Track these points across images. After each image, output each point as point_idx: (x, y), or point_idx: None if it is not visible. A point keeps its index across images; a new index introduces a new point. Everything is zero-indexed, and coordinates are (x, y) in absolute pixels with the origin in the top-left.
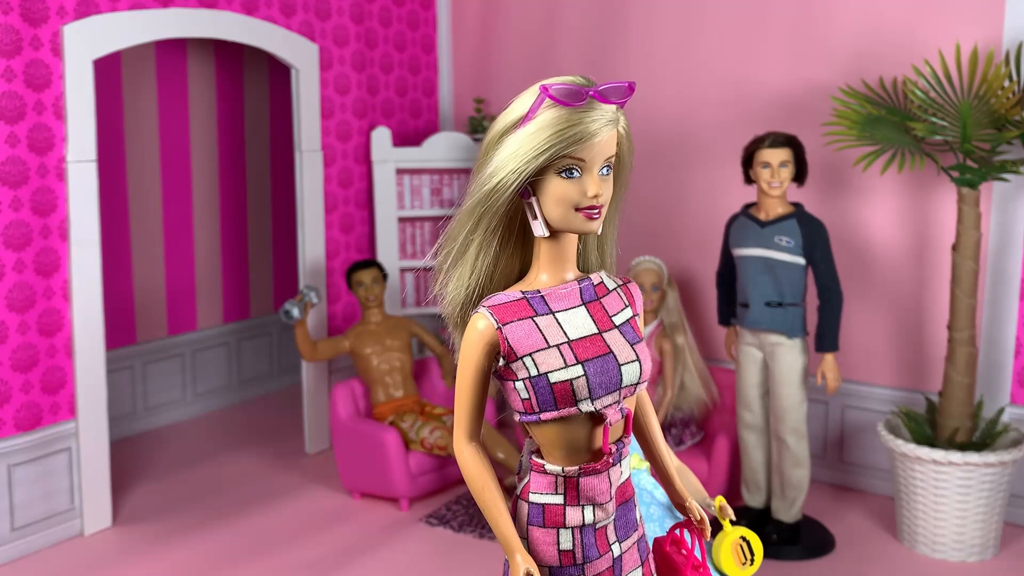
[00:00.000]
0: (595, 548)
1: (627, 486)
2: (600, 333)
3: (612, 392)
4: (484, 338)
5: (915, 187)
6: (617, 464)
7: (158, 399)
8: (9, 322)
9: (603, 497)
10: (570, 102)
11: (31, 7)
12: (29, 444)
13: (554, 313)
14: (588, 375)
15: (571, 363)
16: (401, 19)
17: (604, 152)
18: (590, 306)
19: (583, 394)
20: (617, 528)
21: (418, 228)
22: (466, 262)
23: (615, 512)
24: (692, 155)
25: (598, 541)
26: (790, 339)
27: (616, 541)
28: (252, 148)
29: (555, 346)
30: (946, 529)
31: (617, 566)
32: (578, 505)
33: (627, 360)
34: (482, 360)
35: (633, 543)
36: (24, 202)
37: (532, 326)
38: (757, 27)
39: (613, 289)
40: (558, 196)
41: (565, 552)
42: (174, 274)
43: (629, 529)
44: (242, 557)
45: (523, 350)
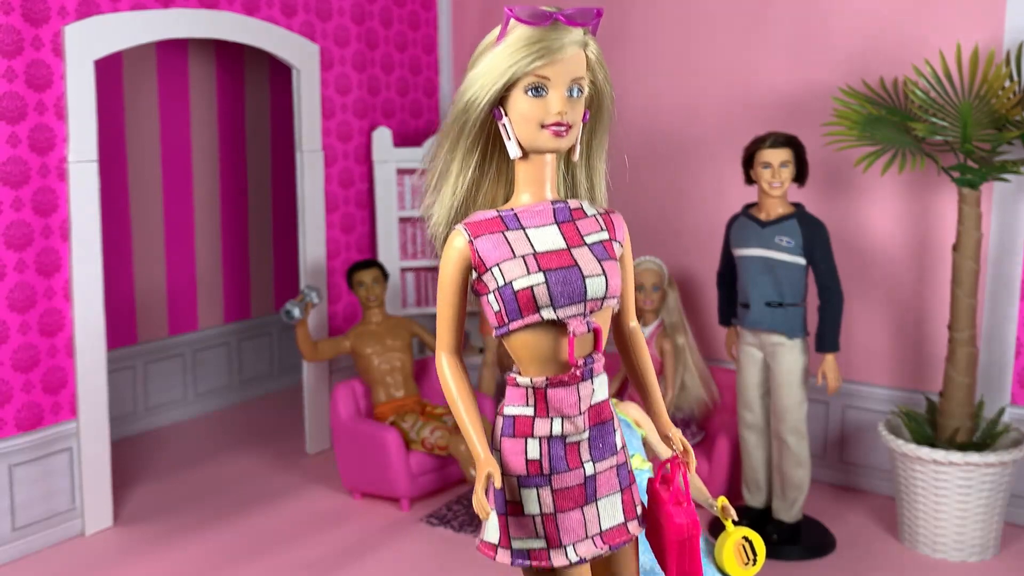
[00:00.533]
0: (564, 462)
1: (603, 408)
2: (568, 248)
3: (576, 303)
4: (458, 252)
5: (916, 187)
6: (588, 380)
7: (159, 399)
8: (10, 322)
9: (571, 410)
10: (534, 21)
11: (32, 7)
12: (30, 444)
13: (525, 229)
14: (549, 283)
15: (533, 271)
16: (402, 19)
17: (570, 71)
18: (563, 225)
19: (544, 301)
20: (592, 448)
21: (419, 228)
22: (447, 182)
23: (589, 431)
24: (692, 155)
25: (568, 455)
26: (790, 339)
27: (590, 460)
28: (253, 148)
29: (520, 256)
30: (946, 529)
31: (590, 485)
32: (547, 417)
33: (592, 273)
34: (457, 274)
35: (611, 466)
36: (25, 202)
37: (501, 239)
38: (757, 27)
39: (592, 215)
40: (525, 113)
41: (532, 462)
42: (175, 274)
43: (606, 451)
44: (243, 557)
45: (491, 261)
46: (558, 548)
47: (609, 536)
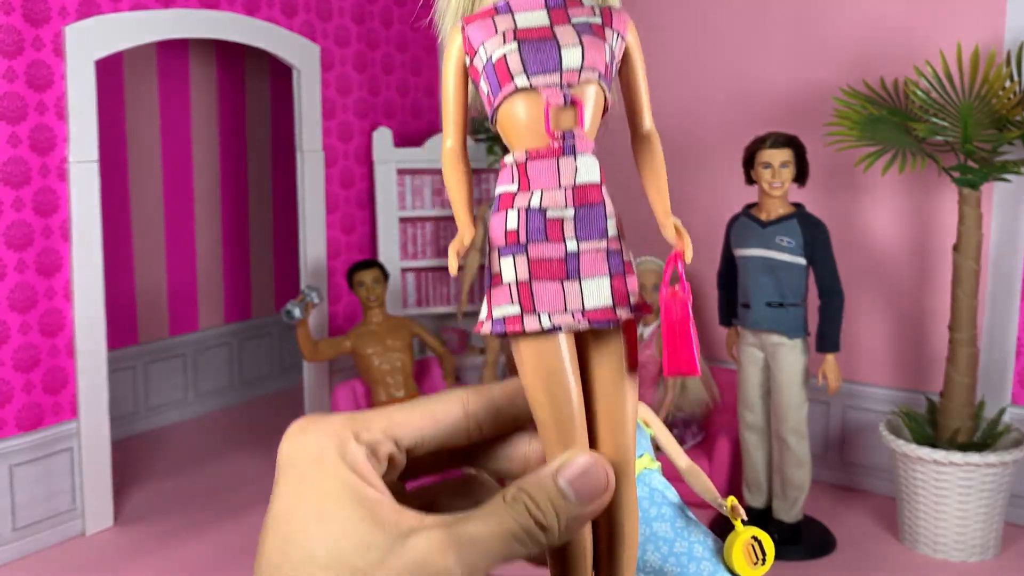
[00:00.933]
0: (542, 233)
1: (590, 191)
2: (551, 25)
3: (550, 72)
4: (454, 41)
5: (916, 188)
6: (570, 156)
7: (159, 399)
8: (11, 322)
9: (550, 183)
10: None
11: (33, 8)
12: (31, 444)
13: (513, 12)
14: (522, 50)
15: (509, 41)
16: (402, 20)
17: None
18: (552, 10)
19: (517, 68)
20: (578, 227)
21: (419, 228)
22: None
23: (575, 210)
24: (693, 155)
25: (548, 229)
26: (791, 339)
27: (574, 238)
28: (253, 149)
29: (501, 32)
30: (947, 529)
31: (572, 261)
32: (528, 191)
33: (569, 44)
34: (456, 64)
35: (600, 250)
36: (26, 202)
37: (489, 22)
38: (758, 28)
39: (590, 5)
40: None
41: (510, 232)
42: (175, 274)
43: (594, 232)
44: (244, 557)
45: (477, 42)
46: (531, 313)
47: (592, 314)
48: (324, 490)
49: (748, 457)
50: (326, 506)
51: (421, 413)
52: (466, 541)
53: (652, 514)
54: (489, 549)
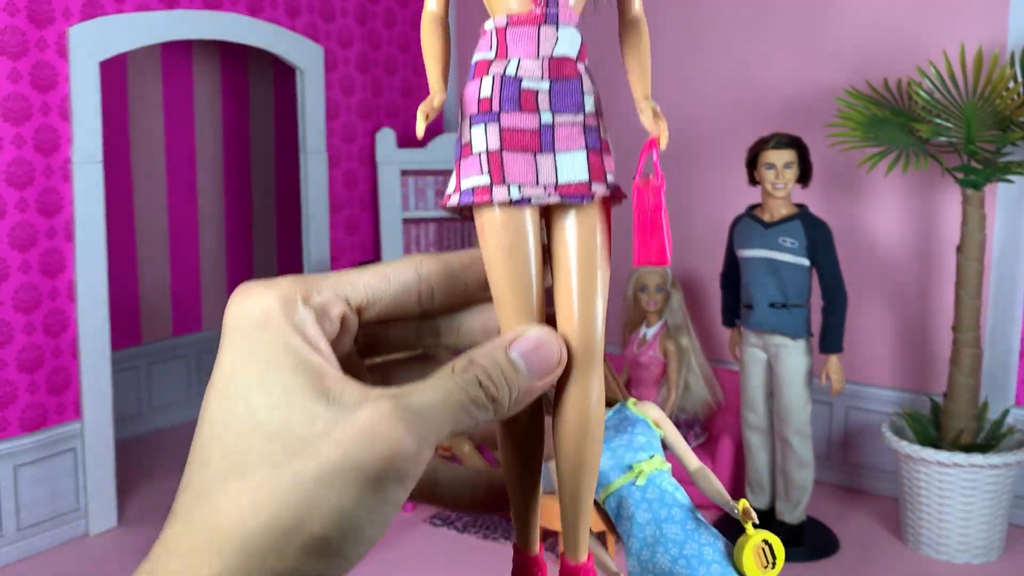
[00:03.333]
0: (515, 103)
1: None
2: None
3: None
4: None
5: (919, 188)
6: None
7: (163, 399)
8: (15, 323)
9: (529, 52)
10: None
11: (37, 9)
12: (35, 444)
13: None
14: None
15: None
16: (405, 20)
17: None
18: None
19: None
20: (553, 100)
21: (422, 230)
22: None
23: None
24: (696, 156)
25: (523, 99)
26: (794, 340)
27: (548, 110)
28: (257, 149)
29: None
30: (950, 531)
31: (546, 133)
32: (505, 58)
33: None
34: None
35: (577, 123)
36: (30, 203)
37: None
38: (761, 28)
39: None
40: None
41: (483, 99)
42: (179, 275)
43: (570, 106)
44: None
45: None
46: (501, 184)
47: (566, 189)
48: (268, 356)
49: (751, 458)
50: (270, 373)
51: (373, 273)
52: (414, 411)
53: (662, 515)
54: (438, 420)
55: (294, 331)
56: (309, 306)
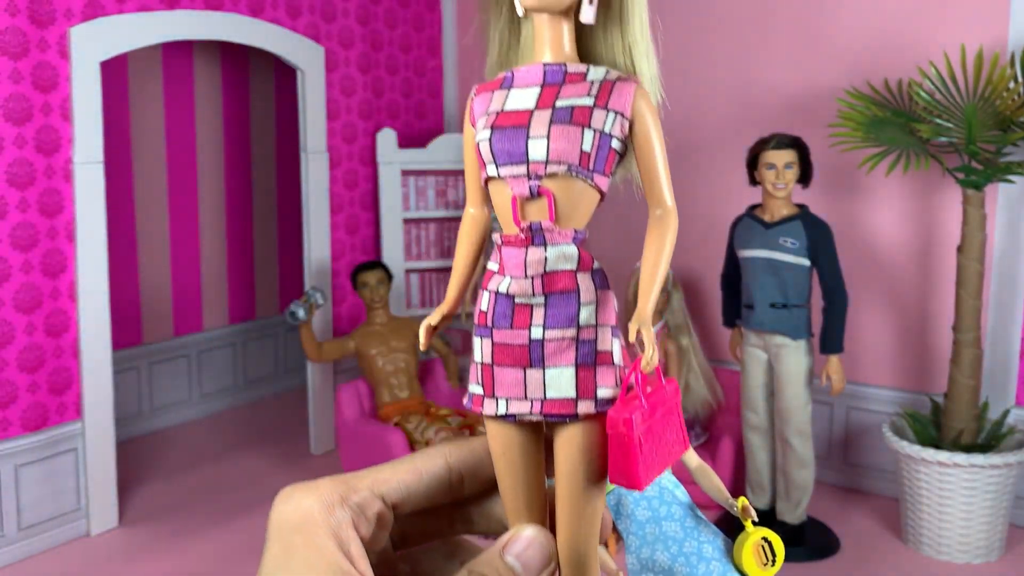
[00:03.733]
0: (508, 319)
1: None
2: (533, 110)
3: (517, 163)
4: (467, 110)
5: (920, 189)
6: (540, 247)
7: (164, 399)
8: (16, 323)
9: (517, 271)
10: None
11: (38, 9)
12: (36, 444)
13: (511, 88)
14: (492, 139)
15: (486, 127)
16: (407, 21)
17: None
18: (546, 87)
19: (488, 157)
20: (548, 315)
21: (423, 230)
22: (490, 41)
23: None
24: (697, 157)
25: (515, 315)
26: (795, 340)
27: (540, 326)
28: (258, 149)
29: (488, 113)
30: (951, 531)
31: (536, 349)
32: (503, 275)
33: (536, 135)
34: (468, 132)
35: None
36: (31, 203)
37: (488, 96)
38: (762, 29)
39: (592, 80)
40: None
41: (482, 312)
42: (180, 275)
43: (563, 322)
44: (248, 558)
45: (476, 117)
46: (491, 398)
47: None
48: (305, 560)
49: (751, 458)
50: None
51: (406, 468)
52: None
53: (662, 513)
54: None
55: (329, 535)
56: (347, 506)
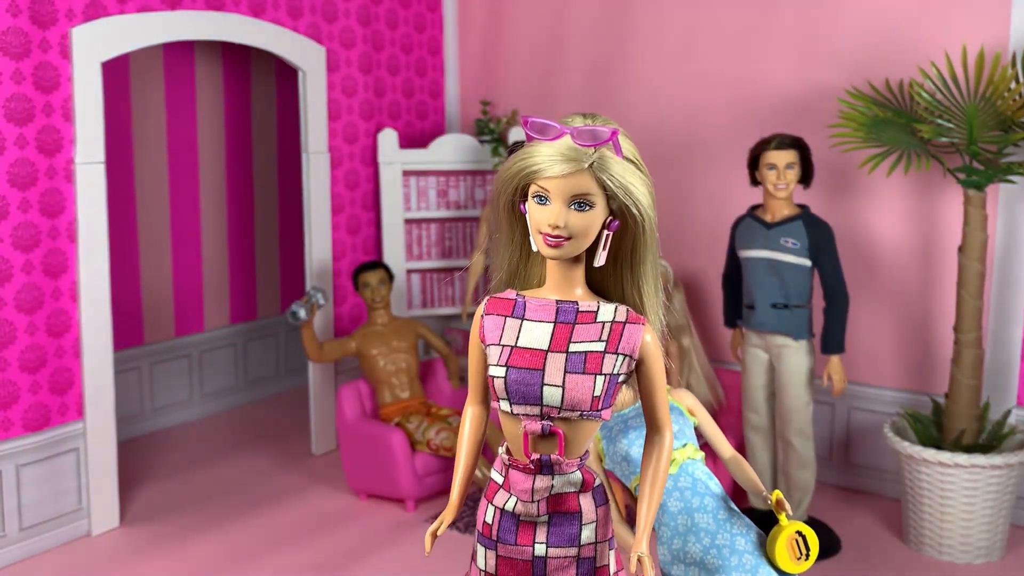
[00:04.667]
0: (512, 534)
1: (564, 500)
2: (547, 351)
3: (532, 404)
4: (477, 320)
5: (921, 189)
6: (548, 476)
7: (165, 400)
8: (17, 323)
9: (524, 496)
10: (538, 136)
11: (40, 10)
12: (37, 444)
13: (524, 319)
14: (508, 379)
15: (501, 363)
16: (408, 21)
17: (570, 187)
18: (559, 326)
19: (502, 394)
20: (550, 533)
21: (424, 230)
22: (505, 250)
23: (548, 517)
24: (698, 157)
25: (519, 531)
26: (796, 341)
27: (544, 543)
28: (259, 150)
29: (502, 345)
30: (952, 531)
31: (539, 565)
32: (508, 493)
33: (551, 383)
34: (473, 338)
35: (568, 556)
36: (32, 204)
37: (501, 322)
38: (763, 29)
39: (603, 322)
40: (532, 217)
41: (486, 524)
42: (181, 275)
43: (565, 541)
44: (249, 557)
45: (487, 340)
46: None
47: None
48: None
49: (753, 458)
50: None
51: None
52: None
53: (694, 504)
54: None
55: None
56: None
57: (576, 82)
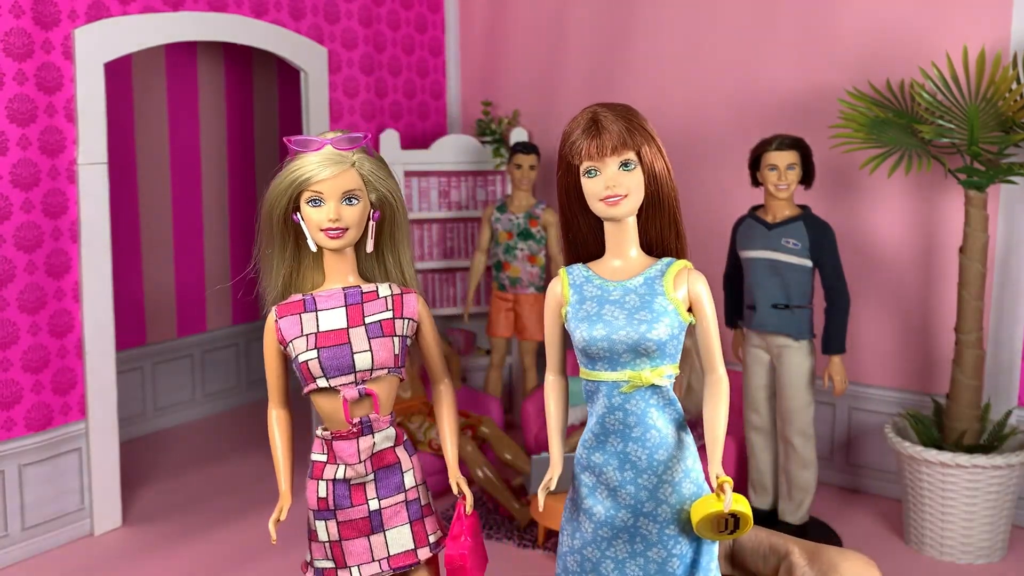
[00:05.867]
0: (348, 499)
1: (386, 454)
2: (347, 328)
3: (347, 374)
4: (270, 329)
5: (922, 189)
6: (369, 435)
7: (167, 400)
8: (20, 323)
9: (352, 459)
10: (304, 149)
11: (43, 10)
12: (40, 444)
13: (318, 311)
14: (321, 358)
15: (311, 348)
16: (409, 22)
17: (340, 186)
18: (350, 308)
19: (318, 372)
20: (378, 487)
21: (426, 230)
22: (272, 268)
23: (374, 473)
24: (699, 157)
25: (352, 495)
26: (797, 341)
27: (376, 498)
28: (261, 150)
29: (305, 335)
30: (953, 531)
31: (375, 517)
32: (335, 464)
33: (360, 350)
34: (272, 345)
35: (398, 503)
36: (35, 204)
37: (296, 320)
38: (764, 30)
39: (384, 296)
40: (309, 219)
41: (322, 499)
42: (183, 275)
43: (392, 490)
44: (251, 557)
45: (288, 338)
46: (344, 568)
47: (397, 559)
48: None
49: (754, 458)
50: None
51: None
52: None
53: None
54: None
55: None
56: None
57: (577, 83)
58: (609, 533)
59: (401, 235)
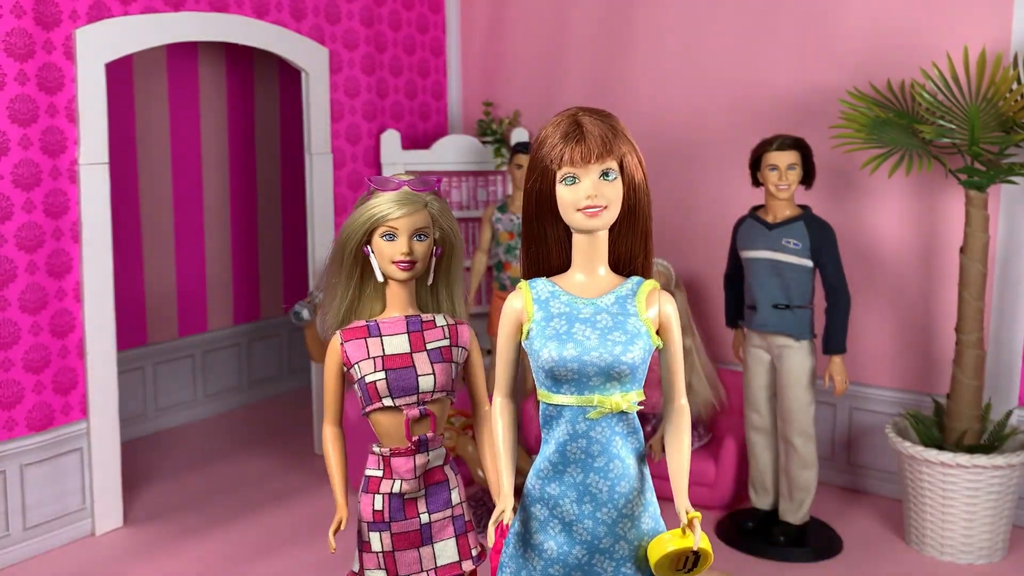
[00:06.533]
0: (402, 512)
1: (435, 472)
2: (411, 353)
3: (410, 395)
4: (334, 352)
5: (923, 190)
6: (424, 452)
7: (169, 400)
8: (21, 323)
9: (408, 475)
10: (384, 188)
11: (44, 11)
12: (41, 444)
13: (382, 336)
14: (388, 379)
15: (379, 369)
16: (410, 22)
17: (413, 223)
18: (412, 334)
19: (384, 392)
20: (428, 502)
21: None
22: (336, 295)
23: (424, 489)
24: (700, 158)
25: (406, 508)
26: (798, 341)
27: (426, 512)
28: (262, 151)
29: (372, 358)
30: (954, 531)
31: (426, 530)
32: (391, 479)
33: (423, 373)
34: (333, 367)
35: (446, 517)
36: (36, 204)
37: (363, 344)
38: (765, 30)
39: (441, 326)
40: (381, 252)
41: (377, 512)
42: (185, 275)
43: (441, 505)
44: (252, 557)
45: (354, 360)
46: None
47: (443, 571)
48: None
49: (754, 459)
50: None
51: None
52: None
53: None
54: None
55: None
56: None
57: (578, 83)
58: (561, 571)
59: (456, 271)
